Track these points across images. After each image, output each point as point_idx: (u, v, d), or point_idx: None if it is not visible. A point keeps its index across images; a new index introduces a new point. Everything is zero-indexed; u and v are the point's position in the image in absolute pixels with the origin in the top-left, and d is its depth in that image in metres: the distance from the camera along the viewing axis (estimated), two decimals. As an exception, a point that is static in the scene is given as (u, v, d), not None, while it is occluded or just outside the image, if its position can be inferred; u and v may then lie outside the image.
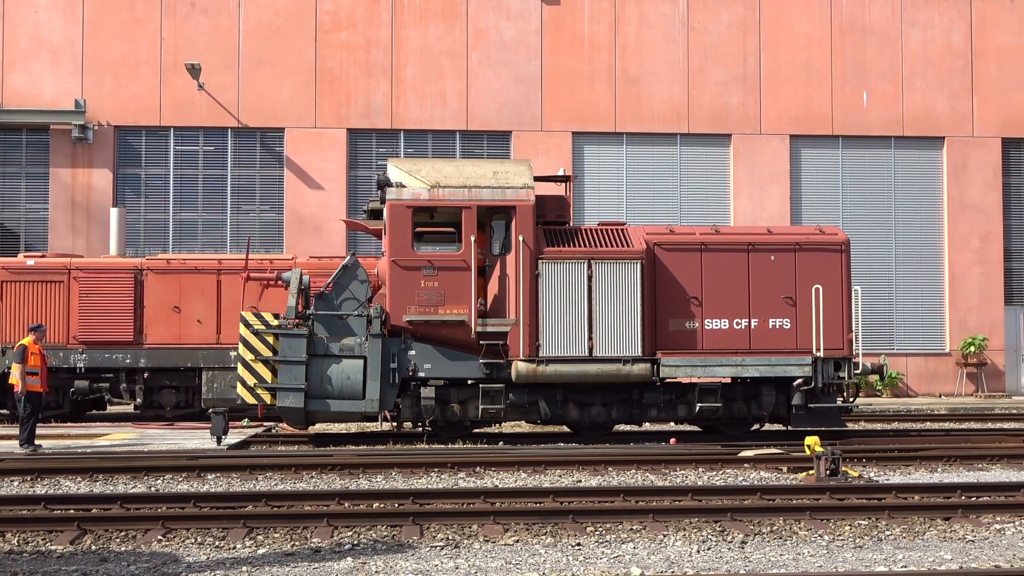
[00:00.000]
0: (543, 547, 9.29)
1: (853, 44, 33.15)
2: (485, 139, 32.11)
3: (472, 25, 31.97)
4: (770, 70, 32.80)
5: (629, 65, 32.36)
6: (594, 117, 32.21)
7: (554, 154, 31.92)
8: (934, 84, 33.34)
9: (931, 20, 33.53)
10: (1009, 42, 33.72)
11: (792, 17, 33.01)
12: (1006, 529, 9.96)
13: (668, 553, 9.01)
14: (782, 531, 9.85)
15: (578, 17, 32.30)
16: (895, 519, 10.32)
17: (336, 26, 31.61)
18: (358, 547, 9.33)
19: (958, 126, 33.37)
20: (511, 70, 31.98)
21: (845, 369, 17.74)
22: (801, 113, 32.82)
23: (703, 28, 32.69)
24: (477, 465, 14.45)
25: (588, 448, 16.61)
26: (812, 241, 18.09)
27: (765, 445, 16.66)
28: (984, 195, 33.22)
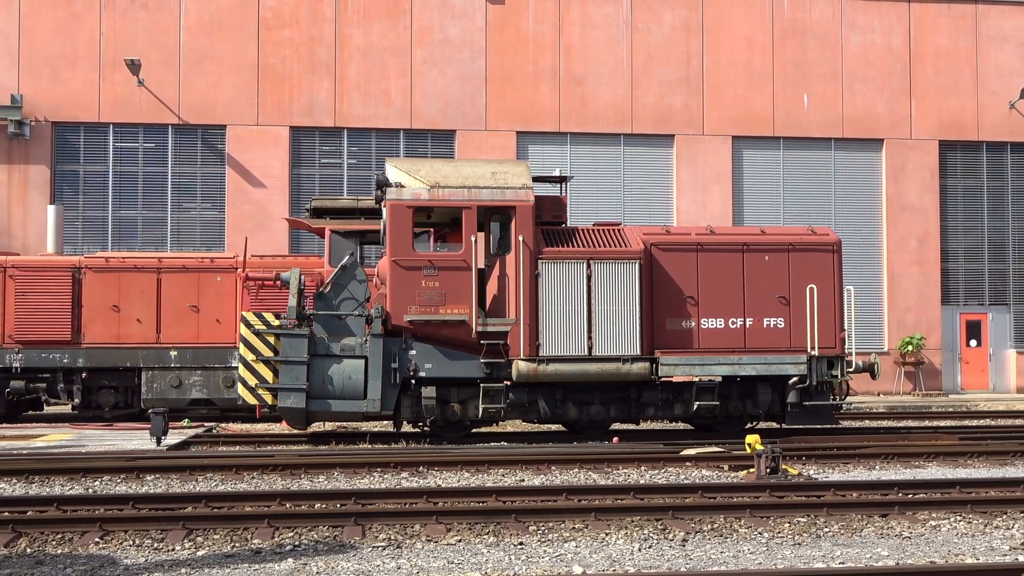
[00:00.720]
0: (485, 546, 9.28)
1: (794, 46, 33.52)
2: (429, 138, 32.05)
3: (416, 23, 31.89)
4: (713, 71, 33.06)
5: (573, 65, 32.46)
6: (538, 117, 32.26)
7: (498, 153, 31.93)
8: (874, 87, 33.80)
9: (871, 23, 33.98)
10: (946, 46, 34.28)
11: (734, 19, 33.30)
12: (942, 525, 10.12)
13: (610, 551, 9.04)
14: (723, 529, 9.93)
15: (523, 17, 32.34)
16: (833, 516, 10.44)
17: (279, 23, 31.36)
18: (299, 548, 9.26)
19: (897, 128, 33.86)
20: (456, 69, 31.94)
21: (838, 367, 18.05)
22: (743, 114, 33.12)
23: (647, 29, 32.88)
24: (420, 465, 14.41)
25: (531, 447, 16.63)
26: (805, 241, 18.37)
27: (707, 444, 16.78)
28: (922, 196, 33.74)
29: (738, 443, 16.00)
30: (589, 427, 18.35)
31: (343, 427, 20.87)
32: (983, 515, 10.55)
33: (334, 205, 23.10)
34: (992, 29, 34.60)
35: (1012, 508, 10.81)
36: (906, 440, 17.67)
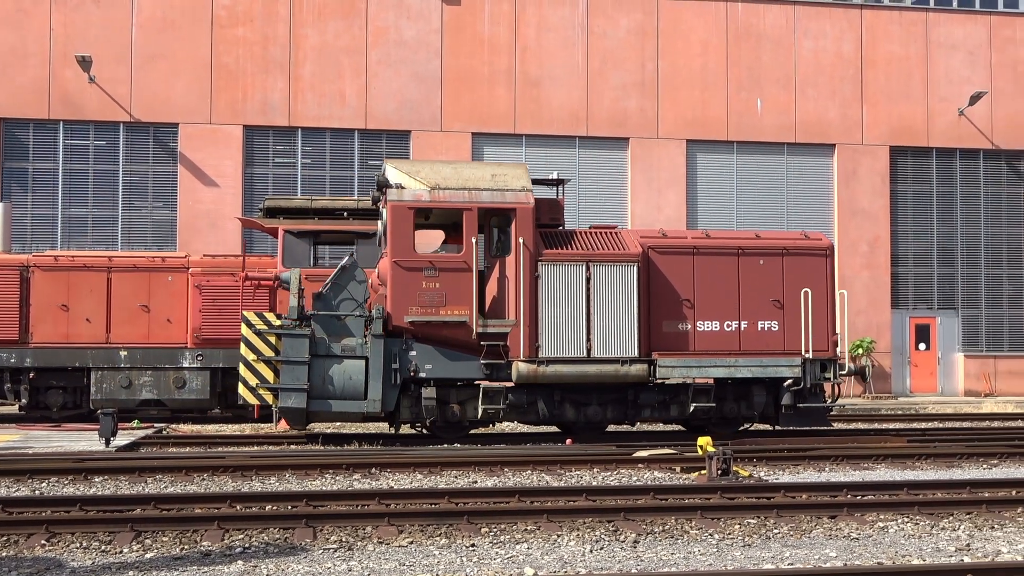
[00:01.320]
0: (437, 548, 9.26)
1: (748, 51, 33.78)
2: (384, 138, 31.96)
3: (372, 23, 31.79)
4: (667, 75, 33.24)
5: (529, 67, 32.51)
6: (494, 118, 32.28)
7: (453, 154, 31.91)
8: (826, 92, 34.14)
9: (823, 30, 34.32)
10: (897, 53, 34.69)
11: (689, 24, 33.50)
12: (889, 527, 10.22)
13: (562, 553, 9.05)
14: (674, 530, 9.97)
15: (478, 18, 32.34)
16: (783, 518, 10.52)
17: (233, 21, 31.14)
18: (249, 550, 9.19)
19: (848, 133, 34.22)
20: (411, 69, 31.88)
21: (831, 370, 18.29)
22: (697, 118, 33.33)
23: (602, 33, 32.99)
24: (373, 466, 14.35)
25: (484, 449, 16.63)
26: (798, 246, 18.59)
27: (659, 446, 16.85)
28: (873, 201, 34.12)
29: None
30: (586, 428, 18.42)
31: (339, 427, 20.77)
32: (930, 516, 10.68)
33: (288, 205, 22.98)
34: (942, 37, 35.07)
35: (958, 510, 10.94)
36: (855, 442, 17.84)
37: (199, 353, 22.12)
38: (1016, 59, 35.53)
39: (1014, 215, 35.48)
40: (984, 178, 35.33)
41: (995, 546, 9.32)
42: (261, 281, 19.69)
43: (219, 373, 22.28)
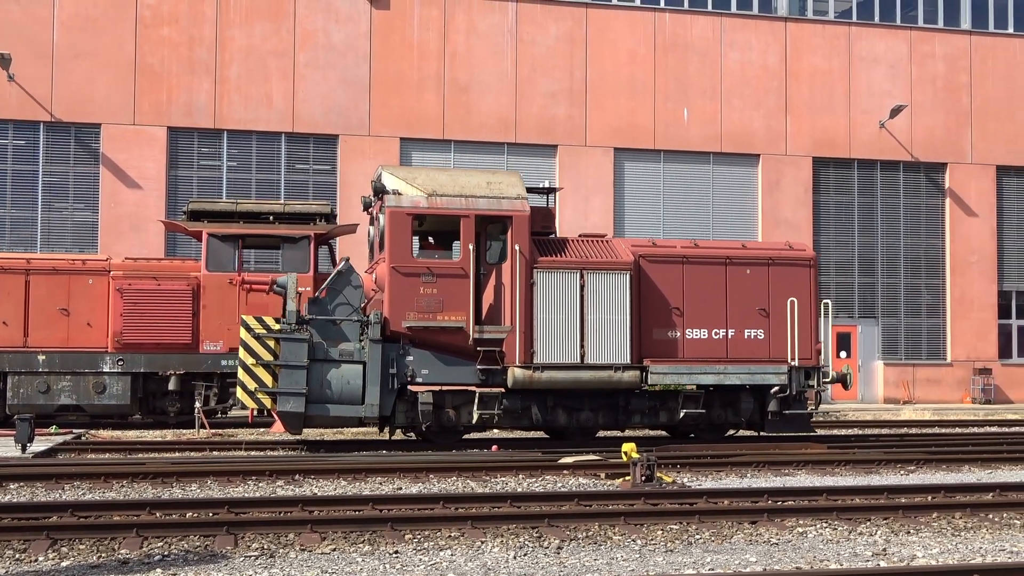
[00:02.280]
0: (360, 555, 9.20)
1: (675, 61, 34.13)
2: (311, 142, 31.74)
3: (300, 26, 31.57)
4: (596, 83, 33.45)
5: (458, 73, 32.51)
6: (423, 123, 32.23)
7: (381, 159, 31.78)
8: (751, 103, 34.61)
9: (748, 41, 34.80)
10: (821, 65, 35.29)
11: (617, 32, 33.76)
12: (808, 532, 10.37)
13: (485, 560, 9.05)
14: (597, 536, 10.02)
15: (407, 23, 32.27)
16: (705, 523, 10.62)
17: (158, 21, 30.72)
18: (169, 558, 9.05)
19: (772, 144, 34.72)
20: (339, 73, 31.71)
21: (814, 377, 18.70)
22: (625, 126, 33.58)
23: (531, 40, 33.12)
24: (296, 473, 14.23)
25: (409, 455, 16.57)
26: (784, 256, 18.95)
27: (584, 452, 16.92)
28: (796, 211, 34.64)
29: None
30: (577, 433, 18.64)
31: (321, 435, 20.51)
32: (848, 522, 10.85)
33: (212, 208, 22.73)
34: (864, 50, 35.75)
35: (876, 515, 11.13)
36: (777, 448, 18.07)
37: (120, 358, 21.75)
38: (935, 74, 36.34)
39: (933, 226, 36.25)
40: (904, 190, 36.06)
41: (911, 551, 9.50)
42: (253, 285, 19.49)
43: (140, 378, 21.93)
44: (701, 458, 16.22)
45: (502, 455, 16.69)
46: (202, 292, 21.84)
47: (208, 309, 21.83)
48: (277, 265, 23.36)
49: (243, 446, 18.01)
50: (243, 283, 19.11)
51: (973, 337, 36.02)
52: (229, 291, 21.87)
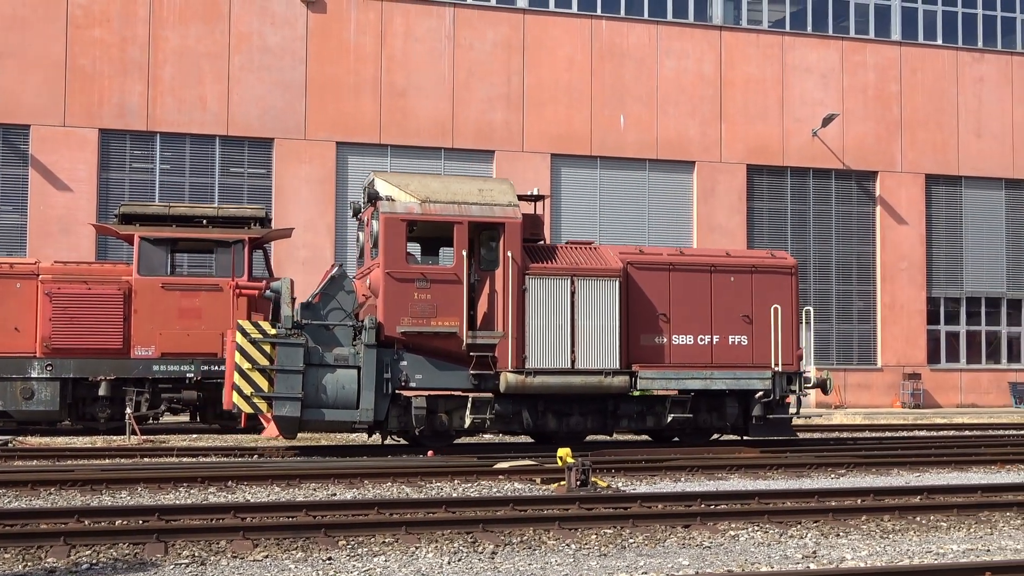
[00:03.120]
0: (293, 562, 9.12)
1: (612, 68, 34.34)
2: (246, 145, 31.47)
3: (235, 28, 31.29)
4: (533, 89, 33.55)
5: (395, 77, 32.43)
6: (359, 128, 32.10)
7: (317, 164, 31.62)
8: (686, 111, 34.93)
9: (684, 50, 35.12)
10: (755, 74, 35.72)
11: (555, 39, 33.90)
12: (740, 535, 10.47)
13: (419, 565, 9.02)
14: (532, 541, 10.03)
15: (344, 27, 32.12)
16: (639, 527, 10.67)
17: (89, 21, 30.27)
18: (97, 566, 8.91)
19: (707, 151, 35.07)
20: (275, 76, 31.47)
21: (796, 383, 19.04)
22: (562, 132, 33.72)
23: (469, 45, 33.13)
24: (229, 479, 14.06)
25: (344, 461, 16.47)
26: (766, 264, 19.28)
27: (520, 457, 16.93)
28: (730, 218, 35.01)
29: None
30: (568, 438, 18.73)
31: (310, 439, 20.23)
32: (779, 525, 10.96)
33: (144, 212, 22.43)
34: (797, 60, 36.26)
35: (806, 518, 11.27)
36: (711, 453, 18.22)
37: (48, 363, 21.36)
38: (866, 83, 36.95)
39: (864, 233, 36.84)
40: (836, 197, 36.61)
41: (840, 553, 9.63)
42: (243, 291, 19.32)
43: (69, 384, 21.53)
44: (636, 462, 16.30)
45: (437, 460, 16.65)
46: (134, 296, 21.53)
47: (140, 314, 21.53)
48: (210, 270, 23.12)
49: (174, 452, 17.78)
50: (237, 286, 18.93)
51: (903, 343, 36.65)
52: (161, 296, 21.60)
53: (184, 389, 21.88)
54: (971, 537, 10.50)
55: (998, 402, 37.63)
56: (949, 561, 9.22)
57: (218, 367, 21.75)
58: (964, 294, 37.91)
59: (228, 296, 21.83)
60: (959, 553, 9.65)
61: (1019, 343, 38.85)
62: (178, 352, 21.66)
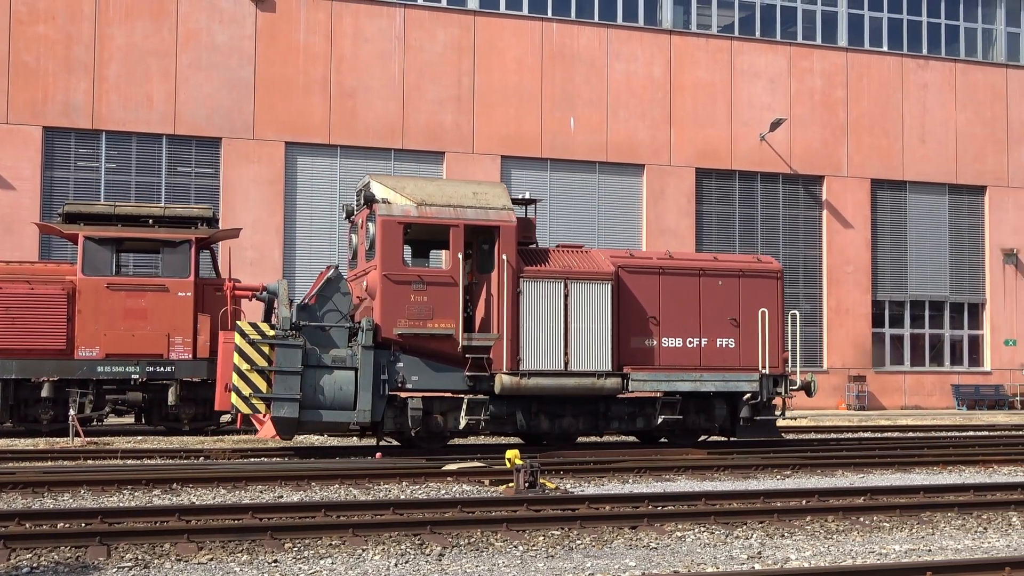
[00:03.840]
0: (238, 565, 9.05)
1: (562, 71, 34.42)
2: (194, 145, 31.16)
3: (183, 26, 30.99)
4: (483, 91, 33.55)
5: (345, 78, 32.29)
6: (309, 128, 31.91)
7: (266, 163, 31.39)
8: (636, 114, 35.09)
9: (634, 53, 35.29)
10: (704, 78, 35.97)
11: (505, 41, 33.92)
12: (687, 536, 10.53)
13: (366, 567, 8.98)
14: (479, 543, 10.02)
15: (294, 26, 31.93)
16: (586, 528, 10.70)
17: (33, 18, 29.84)
18: (38, 570, 8.78)
19: (657, 155, 35.26)
20: (223, 75, 31.20)
21: (782, 385, 19.46)
22: (512, 134, 33.74)
23: (419, 46, 33.06)
24: (174, 482, 13.92)
25: (291, 463, 16.37)
26: (753, 269, 19.62)
27: (468, 459, 16.92)
28: (679, 221, 35.22)
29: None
30: (560, 438, 18.92)
31: (301, 441, 19.97)
32: (725, 526, 11.04)
33: (89, 211, 22.17)
34: (746, 64, 36.56)
35: (752, 519, 11.36)
36: (659, 454, 18.32)
37: (-10, 364, 21.02)
38: (813, 88, 37.34)
39: (810, 237, 37.22)
40: (783, 201, 36.95)
41: (784, 553, 9.72)
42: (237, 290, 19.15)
43: (11, 385, 21.21)
44: (584, 464, 16.34)
45: (386, 462, 16.59)
46: (78, 297, 21.26)
47: (84, 314, 21.26)
48: (157, 270, 22.88)
49: (119, 455, 17.57)
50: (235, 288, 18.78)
51: (848, 345, 37.08)
52: (106, 296, 21.35)
53: (129, 390, 21.66)
54: (913, 537, 10.64)
55: (941, 404, 38.19)
56: (891, 561, 9.34)
57: (164, 368, 21.54)
58: (908, 298, 38.43)
59: (175, 296, 21.63)
60: (901, 553, 9.77)
61: (962, 346, 39.46)
62: (123, 353, 21.42)
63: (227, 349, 17.20)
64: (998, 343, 39.40)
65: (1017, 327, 39.53)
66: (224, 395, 17.20)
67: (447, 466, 15.66)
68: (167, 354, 21.58)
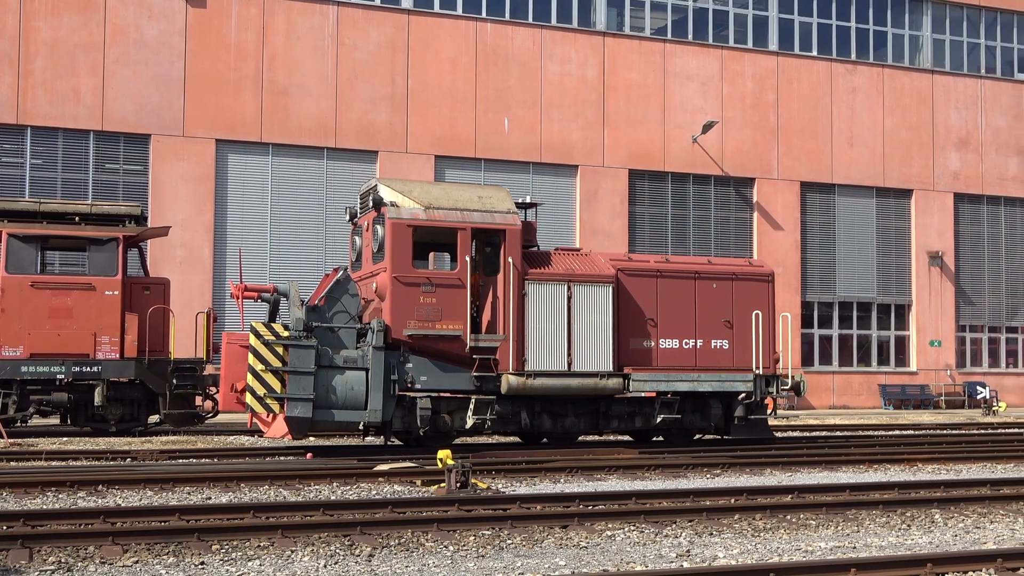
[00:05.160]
0: (164, 567, 8.92)
1: (496, 72, 34.44)
2: (122, 141, 30.70)
3: (111, 20, 30.51)
4: (417, 90, 33.46)
5: (277, 75, 32.00)
6: (240, 126, 31.58)
7: (196, 161, 31.02)
8: (570, 115, 35.22)
9: (568, 55, 35.41)
10: (637, 80, 36.20)
11: (440, 41, 33.85)
12: (616, 535, 10.58)
13: (295, 569, 8.90)
14: (410, 543, 9.98)
15: (225, 23, 31.58)
16: (517, 528, 10.70)
17: (-43, 10, 29.20)
18: (-44, 575, 8.58)
19: (591, 156, 35.42)
20: (152, 71, 30.77)
21: (774, 385, 20.03)
22: (446, 134, 33.69)
23: (352, 44, 32.88)
24: (100, 483, 13.70)
25: (220, 464, 16.21)
26: (746, 272, 20.20)
27: (401, 459, 16.86)
28: (612, 222, 35.42)
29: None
30: (561, 438, 19.36)
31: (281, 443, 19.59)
32: (655, 524, 11.12)
33: (13, 207, 21.73)
34: (678, 67, 36.86)
35: (681, 517, 11.44)
36: (590, 454, 18.39)
37: (-91, 364, 20.53)
38: (744, 91, 37.76)
39: (741, 238, 37.64)
40: (715, 203, 37.32)
41: (713, 551, 9.80)
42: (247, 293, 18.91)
43: (-69, 385, 20.73)
44: (516, 464, 16.36)
45: (316, 463, 16.48)
46: (1, 295, 20.83)
47: (7, 313, 20.84)
48: (84, 268, 22.50)
49: (43, 456, 17.25)
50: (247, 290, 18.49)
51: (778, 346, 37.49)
52: (31, 294, 20.95)
53: (54, 391, 21.27)
54: (839, 535, 10.80)
55: (868, 403, 38.83)
56: (817, 559, 9.46)
57: (90, 368, 21.19)
58: (837, 299, 39.01)
59: (102, 295, 21.29)
60: (827, 551, 9.91)
61: (889, 347, 40.15)
62: (48, 353, 21.04)
63: (231, 350, 17.38)
64: (924, 344, 40.17)
65: (942, 328, 40.33)
66: (229, 395, 17.38)
67: (379, 467, 15.59)
68: (93, 354, 21.23)
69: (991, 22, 42.39)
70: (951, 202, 40.90)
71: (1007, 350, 42.08)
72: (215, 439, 21.07)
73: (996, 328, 41.84)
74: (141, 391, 21.86)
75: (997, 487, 14.22)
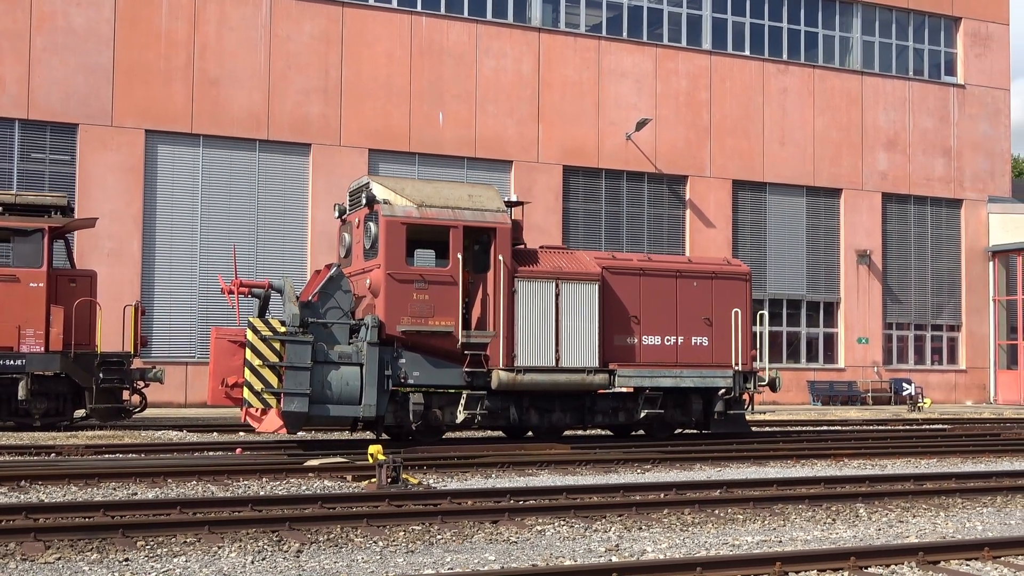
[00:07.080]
0: (88, 564, 8.77)
1: (431, 65, 34.33)
2: (48, 130, 30.13)
3: (37, 6, 29.91)
4: (351, 84, 33.24)
5: (208, 65, 31.61)
6: (169, 116, 31.15)
7: (125, 152, 30.55)
8: (504, 110, 35.23)
9: (503, 50, 35.41)
10: (572, 76, 36.31)
11: (374, 34, 33.67)
12: (546, 530, 10.61)
13: (221, 565, 8.80)
14: (339, 539, 9.92)
15: (155, 12, 31.12)
16: (447, 523, 10.69)
17: None
18: None
19: (525, 151, 35.46)
20: (80, 59, 30.23)
21: (751, 381, 20.65)
22: (381, 128, 33.52)
23: (286, 36, 32.58)
24: (22, 479, 13.43)
25: (147, 459, 15.98)
26: (725, 271, 20.83)
27: (331, 455, 16.76)
28: (546, 217, 35.50)
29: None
30: (548, 432, 19.71)
31: None
32: (585, 519, 11.16)
33: (-66, 197, 21.23)
34: (613, 64, 37.04)
35: (611, 512, 11.50)
36: (522, 449, 18.42)
37: None
38: (678, 90, 38.04)
39: (674, 235, 37.93)
40: (648, 199, 37.57)
41: (642, 546, 9.86)
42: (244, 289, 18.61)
43: None
44: (448, 459, 16.34)
45: (245, 458, 16.32)
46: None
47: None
48: (7, 259, 22.05)
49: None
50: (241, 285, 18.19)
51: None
52: (-48, 286, 20.46)
53: (-25, 385, 20.80)
54: (765, 529, 10.93)
55: (798, 400, 39.36)
56: (743, 552, 9.56)
57: (13, 362, 20.78)
58: (767, 296, 39.47)
59: (26, 287, 20.88)
60: (753, 544, 10.02)
61: (818, 344, 40.72)
62: (-31, 346, 20.57)
63: (220, 345, 17.34)
64: (851, 341, 40.81)
65: (870, 326, 41.00)
66: (218, 390, 17.38)
67: (309, 462, 15.48)
68: (17, 347, 20.82)
69: (919, 25, 43.15)
70: (879, 202, 41.59)
71: (932, 347, 42.90)
72: (142, 434, 20.78)
73: (922, 326, 42.63)
74: (67, 385, 21.47)
75: (920, 482, 14.49)
